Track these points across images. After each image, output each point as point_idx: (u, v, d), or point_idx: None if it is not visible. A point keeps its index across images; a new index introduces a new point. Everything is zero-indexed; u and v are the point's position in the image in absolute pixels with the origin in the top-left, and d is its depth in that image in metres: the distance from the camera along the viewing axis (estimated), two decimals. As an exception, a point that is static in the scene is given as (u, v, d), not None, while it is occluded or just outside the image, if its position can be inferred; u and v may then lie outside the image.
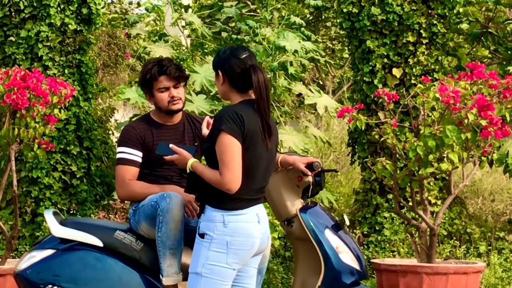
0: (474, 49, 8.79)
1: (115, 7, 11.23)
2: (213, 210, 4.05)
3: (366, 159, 7.79)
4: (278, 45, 7.01)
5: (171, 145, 4.22)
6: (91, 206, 7.85)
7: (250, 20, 7.40)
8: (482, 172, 9.86)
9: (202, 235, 4.05)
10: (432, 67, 7.93)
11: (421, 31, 7.88)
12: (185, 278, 4.49)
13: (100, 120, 8.96)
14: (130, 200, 4.76)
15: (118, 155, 4.76)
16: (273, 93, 7.26)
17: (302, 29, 7.72)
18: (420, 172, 5.76)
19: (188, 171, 4.12)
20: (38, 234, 7.55)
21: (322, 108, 7.24)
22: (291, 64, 7.24)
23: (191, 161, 4.12)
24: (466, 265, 5.93)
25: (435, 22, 7.90)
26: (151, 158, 4.73)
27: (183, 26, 7.83)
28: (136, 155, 4.73)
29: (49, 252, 4.70)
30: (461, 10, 8.20)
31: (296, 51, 7.03)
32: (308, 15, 12.41)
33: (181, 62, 7.16)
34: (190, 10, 7.83)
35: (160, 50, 7.29)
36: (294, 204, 4.84)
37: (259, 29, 7.26)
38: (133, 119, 7.47)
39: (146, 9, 8.28)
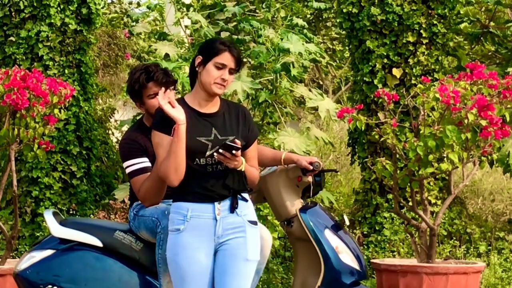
0: (475, 48, 8.79)
1: (115, 7, 11.23)
2: (249, 198, 4.18)
3: (366, 159, 7.79)
4: (282, 47, 7.00)
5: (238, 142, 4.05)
6: (91, 206, 7.86)
7: (253, 20, 7.40)
8: (482, 172, 9.87)
9: (255, 222, 4.14)
10: (432, 67, 7.93)
11: (421, 31, 7.88)
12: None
13: (100, 120, 8.97)
14: (159, 201, 4.61)
15: (127, 170, 4.67)
16: (275, 94, 7.26)
17: (305, 31, 7.71)
18: (420, 172, 5.76)
19: (243, 169, 4.08)
20: (38, 234, 7.55)
21: (324, 112, 7.23)
22: (293, 66, 7.23)
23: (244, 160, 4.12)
24: (466, 265, 5.93)
25: (435, 22, 7.90)
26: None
27: (185, 26, 7.83)
28: (143, 162, 4.67)
29: (49, 252, 4.70)
30: (461, 10, 8.20)
31: (300, 53, 7.02)
32: (308, 15, 12.41)
33: (184, 62, 7.16)
34: (191, 9, 7.83)
35: (164, 48, 7.29)
36: (294, 204, 4.84)
37: (262, 30, 7.25)
38: (137, 118, 7.47)
39: (148, 7, 8.27)
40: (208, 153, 4.02)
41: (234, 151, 3.94)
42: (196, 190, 4.04)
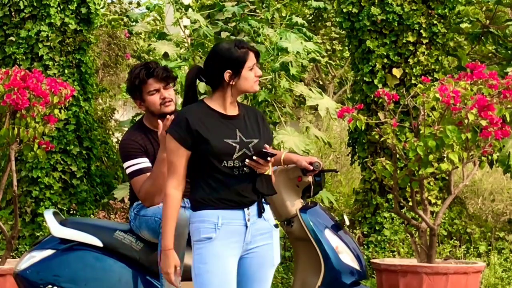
0: (475, 48, 8.79)
1: (115, 7, 11.22)
2: None
3: (366, 159, 7.79)
4: (280, 47, 7.00)
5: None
6: (91, 206, 7.86)
7: (252, 20, 7.39)
8: (482, 172, 9.86)
9: (276, 225, 4.13)
10: (432, 67, 7.93)
11: (421, 31, 7.88)
12: (187, 279, 4.47)
13: (100, 120, 8.97)
14: (160, 201, 4.58)
15: (127, 171, 4.67)
16: (274, 94, 7.25)
17: (304, 29, 7.71)
18: (420, 172, 5.76)
19: (270, 173, 4.05)
20: (38, 234, 7.55)
21: (324, 110, 7.23)
22: (292, 65, 7.23)
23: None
24: (466, 265, 5.93)
25: (435, 22, 7.90)
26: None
27: (184, 26, 7.83)
28: (143, 162, 4.67)
29: (49, 252, 4.70)
30: (461, 10, 8.20)
31: (298, 52, 7.02)
32: (308, 15, 12.41)
33: (183, 62, 7.16)
34: (190, 9, 7.83)
35: (164, 47, 7.29)
36: (294, 204, 4.84)
37: (261, 30, 7.25)
38: (136, 118, 7.47)
39: (147, 8, 8.27)
40: (235, 155, 3.92)
41: (269, 158, 3.90)
42: (225, 196, 3.91)
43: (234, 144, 3.93)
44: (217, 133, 3.92)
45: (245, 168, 3.95)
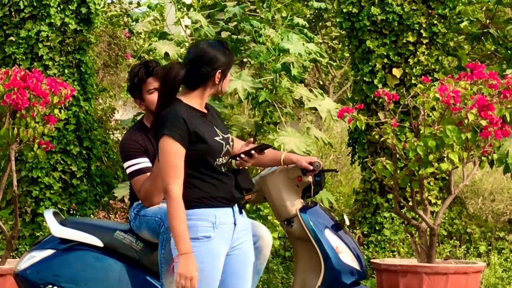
0: (475, 48, 8.79)
1: (115, 7, 11.23)
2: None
3: (366, 159, 7.79)
4: (282, 48, 6.99)
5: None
6: (91, 206, 7.86)
7: (253, 20, 7.39)
8: (482, 172, 9.86)
9: None
10: (432, 67, 7.93)
11: (421, 31, 7.88)
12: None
13: (100, 120, 8.97)
14: (159, 201, 4.57)
15: (128, 171, 4.67)
16: (275, 94, 7.25)
17: (305, 30, 7.70)
18: (420, 172, 5.76)
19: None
20: (38, 234, 7.55)
21: (325, 112, 7.21)
22: (293, 66, 7.22)
23: None
24: (466, 265, 5.93)
25: (435, 22, 7.90)
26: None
27: (186, 26, 7.83)
28: (144, 162, 4.67)
29: (49, 252, 4.70)
30: (461, 9, 8.20)
31: (300, 54, 7.01)
32: (308, 15, 12.41)
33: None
34: (191, 9, 7.83)
35: (165, 47, 7.29)
36: (294, 204, 4.84)
37: (263, 30, 7.24)
38: (137, 118, 7.46)
39: (149, 7, 8.27)
40: (222, 152, 3.95)
41: (265, 150, 3.96)
42: (220, 194, 3.93)
43: (221, 141, 3.97)
44: (208, 131, 3.95)
45: (227, 165, 4.00)
